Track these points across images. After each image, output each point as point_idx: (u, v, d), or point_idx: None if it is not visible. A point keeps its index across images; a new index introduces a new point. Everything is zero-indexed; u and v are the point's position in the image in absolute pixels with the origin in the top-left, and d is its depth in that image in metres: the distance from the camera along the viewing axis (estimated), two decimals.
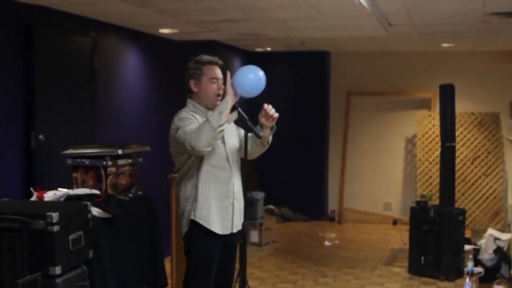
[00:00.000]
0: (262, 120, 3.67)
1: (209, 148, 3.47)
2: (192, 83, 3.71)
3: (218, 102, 3.68)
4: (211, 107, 3.69)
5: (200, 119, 3.61)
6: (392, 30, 6.85)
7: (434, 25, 6.62)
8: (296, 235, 8.57)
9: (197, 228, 3.61)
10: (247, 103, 5.08)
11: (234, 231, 3.71)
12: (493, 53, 9.06)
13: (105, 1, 5.03)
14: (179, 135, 3.49)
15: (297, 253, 7.48)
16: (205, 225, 3.60)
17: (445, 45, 8.46)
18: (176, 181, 3.77)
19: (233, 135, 3.81)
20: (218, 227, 3.63)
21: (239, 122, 3.71)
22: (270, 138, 3.76)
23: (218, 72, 3.72)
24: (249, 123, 3.64)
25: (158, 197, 4.63)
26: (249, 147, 3.74)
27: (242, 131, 3.78)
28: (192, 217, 3.62)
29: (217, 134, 3.40)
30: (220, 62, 3.77)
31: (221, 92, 3.69)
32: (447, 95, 6.60)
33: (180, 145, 3.51)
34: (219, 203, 3.64)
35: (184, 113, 3.64)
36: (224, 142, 3.71)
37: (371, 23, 6.16)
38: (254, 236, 7.59)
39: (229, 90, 3.51)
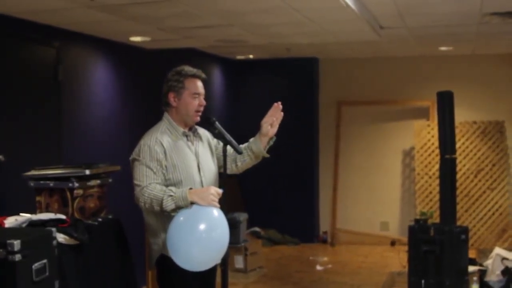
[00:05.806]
0: (266, 126, 3.73)
1: None
2: (171, 97, 3.69)
3: (198, 118, 3.71)
4: (189, 124, 3.72)
5: (168, 146, 3.60)
6: (384, 34, 6.92)
7: (430, 27, 6.69)
8: (285, 260, 8.59)
9: (168, 260, 3.56)
10: (228, 117, 5.04)
11: None
12: (495, 56, 9.16)
13: (70, 8, 5.05)
14: (137, 178, 3.57)
15: (286, 279, 7.49)
16: None
17: (443, 48, 8.56)
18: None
19: (206, 153, 3.80)
20: None
21: (217, 136, 3.72)
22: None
23: (200, 87, 3.72)
24: (228, 137, 3.67)
25: (130, 221, 4.64)
26: (239, 163, 3.79)
27: (219, 143, 3.79)
28: (163, 252, 3.61)
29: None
30: (204, 76, 3.76)
31: (202, 109, 3.71)
32: (445, 103, 6.65)
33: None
34: None
35: (152, 141, 3.59)
36: (199, 168, 3.70)
37: (361, 27, 6.23)
38: (238, 262, 7.60)
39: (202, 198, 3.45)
